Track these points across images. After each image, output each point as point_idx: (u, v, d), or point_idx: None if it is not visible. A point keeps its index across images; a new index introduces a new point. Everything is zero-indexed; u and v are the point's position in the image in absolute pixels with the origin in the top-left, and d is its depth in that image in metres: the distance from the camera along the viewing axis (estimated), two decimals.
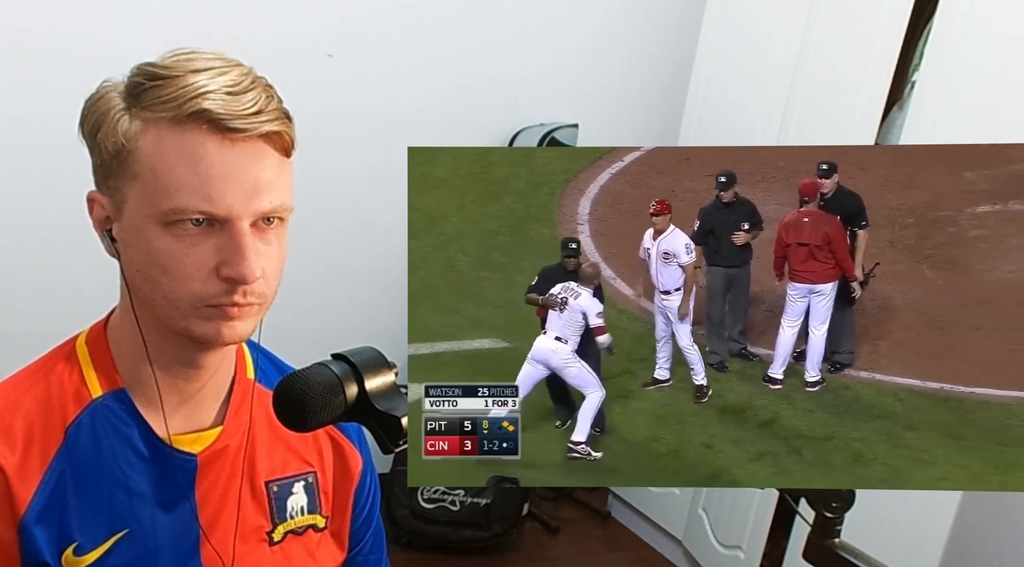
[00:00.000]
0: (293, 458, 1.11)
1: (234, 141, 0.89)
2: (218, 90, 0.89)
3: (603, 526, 3.21)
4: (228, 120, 0.88)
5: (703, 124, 2.85)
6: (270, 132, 0.91)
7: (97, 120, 0.93)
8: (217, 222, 0.90)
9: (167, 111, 0.89)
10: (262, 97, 0.91)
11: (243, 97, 0.90)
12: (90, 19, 2.40)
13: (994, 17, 1.98)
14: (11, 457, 0.94)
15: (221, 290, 0.91)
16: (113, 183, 0.93)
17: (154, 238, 0.91)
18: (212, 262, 0.91)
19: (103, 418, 0.99)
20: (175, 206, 0.89)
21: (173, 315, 0.93)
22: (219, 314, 0.93)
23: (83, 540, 0.96)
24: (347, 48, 2.75)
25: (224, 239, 0.91)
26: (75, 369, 1.01)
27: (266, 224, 0.93)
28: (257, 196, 0.91)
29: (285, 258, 0.97)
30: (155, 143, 0.90)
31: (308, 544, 1.11)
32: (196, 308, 0.92)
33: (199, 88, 0.89)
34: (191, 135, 0.89)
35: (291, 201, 0.95)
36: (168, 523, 1.01)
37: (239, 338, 0.97)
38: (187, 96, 0.88)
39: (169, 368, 1.00)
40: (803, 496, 0.95)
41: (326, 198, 2.78)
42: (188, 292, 0.91)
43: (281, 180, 0.94)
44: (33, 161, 2.37)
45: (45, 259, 2.48)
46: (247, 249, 0.90)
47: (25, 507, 0.94)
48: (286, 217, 0.96)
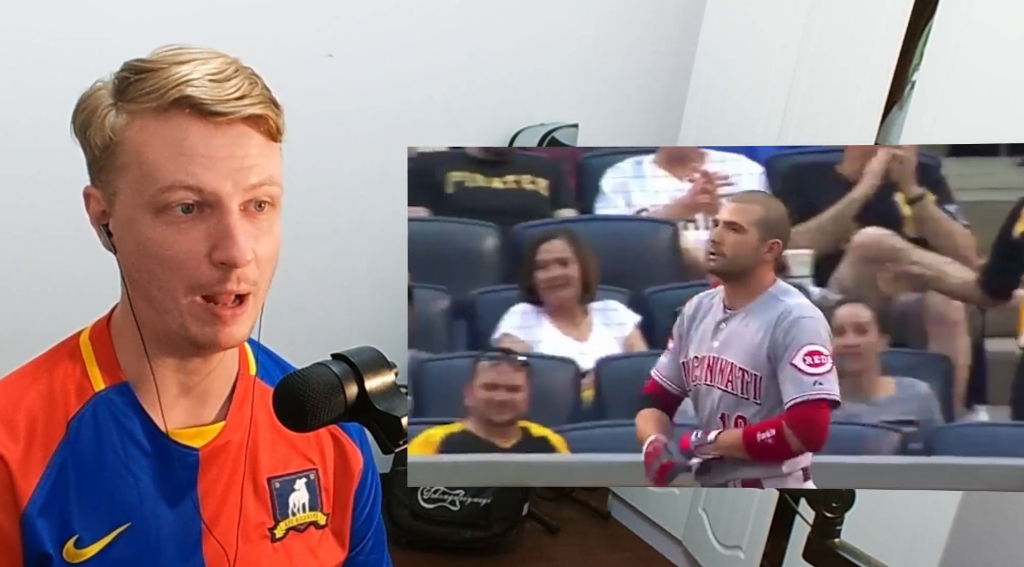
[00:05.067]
0: (295, 455, 1.11)
1: (217, 125, 0.90)
2: (201, 77, 0.90)
3: (603, 526, 3.21)
4: (211, 104, 0.89)
5: (703, 124, 2.85)
6: (253, 115, 0.92)
7: (86, 117, 0.94)
8: (207, 207, 0.91)
9: (151, 101, 0.90)
10: (245, 83, 0.92)
11: (226, 83, 0.91)
12: (90, 19, 2.40)
13: (994, 17, 1.98)
14: (14, 449, 0.95)
15: (214, 277, 0.92)
16: (105, 177, 0.94)
17: (146, 227, 0.91)
18: (204, 248, 0.91)
19: (105, 411, 0.99)
20: (160, 185, 0.90)
21: (170, 309, 0.94)
22: (214, 317, 0.93)
23: (84, 533, 0.97)
24: (347, 48, 2.75)
25: (214, 223, 0.91)
26: (78, 364, 1.01)
27: (257, 209, 0.94)
28: (243, 172, 0.91)
29: (278, 246, 0.97)
30: (140, 133, 0.91)
31: (309, 541, 1.11)
32: (191, 302, 0.93)
33: (182, 77, 0.90)
34: (175, 121, 0.90)
35: (280, 181, 0.96)
36: (170, 518, 1.01)
37: (235, 342, 0.97)
38: (170, 85, 0.89)
39: (170, 363, 1.00)
40: (803, 496, 0.95)
41: (326, 198, 2.78)
42: (182, 280, 0.92)
43: (268, 161, 0.94)
44: (33, 161, 2.36)
45: (45, 259, 2.48)
46: (236, 231, 0.91)
47: (27, 499, 0.95)
48: (276, 202, 0.96)
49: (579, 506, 3.27)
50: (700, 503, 2.84)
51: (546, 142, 2.95)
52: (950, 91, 2.04)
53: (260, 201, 0.94)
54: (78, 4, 2.41)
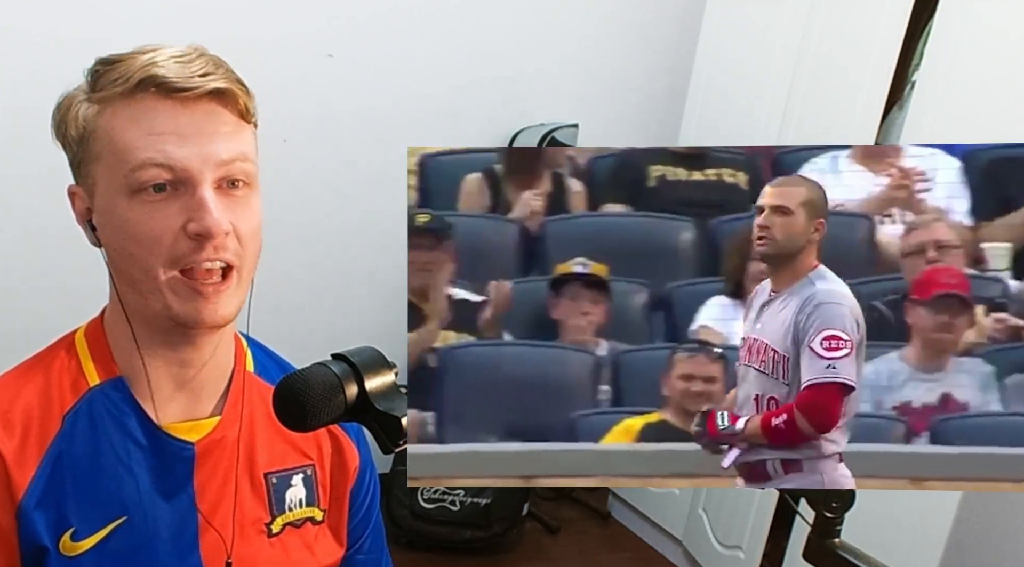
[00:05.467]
0: (292, 451, 1.11)
1: (184, 102, 0.92)
2: (166, 59, 0.92)
3: (603, 526, 3.21)
4: (176, 81, 0.91)
5: (703, 124, 2.85)
6: (218, 89, 0.93)
7: (62, 116, 0.96)
8: (180, 184, 0.92)
9: (118, 87, 0.92)
10: (210, 64, 0.93)
11: (191, 64, 0.92)
12: (90, 19, 2.40)
13: (994, 17, 1.98)
14: (9, 443, 0.96)
15: (189, 248, 0.93)
16: (84, 170, 0.96)
17: (123, 209, 0.93)
18: (179, 222, 0.92)
19: (100, 406, 1.00)
20: (132, 165, 0.91)
21: (152, 289, 0.94)
22: (195, 293, 0.94)
23: (80, 526, 0.97)
24: (347, 48, 2.75)
25: (188, 198, 0.92)
26: (74, 360, 1.02)
27: (231, 187, 0.95)
28: (212, 149, 0.92)
29: (260, 223, 0.98)
30: (111, 118, 0.93)
31: (306, 537, 1.12)
32: (171, 278, 0.93)
33: (147, 61, 0.92)
34: (142, 102, 0.92)
35: (255, 161, 0.97)
36: (167, 512, 1.02)
37: (220, 321, 0.97)
38: (135, 69, 0.91)
39: (163, 355, 1.01)
40: (803, 496, 0.95)
41: (326, 198, 2.78)
42: (159, 256, 0.93)
43: (239, 138, 0.95)
44: (33, 161, 2.36)
45: (45, 259, 2.48)
46: (209, 202, 0.92)
47: (23, 492, 0.95)
48: (252, 180, 0.97)
49: (579, 506, 3.28)
50: (700, 503, 2.85)
51: (546, 142, 2.95)
52: (950, 91, 2.04)
53: (234, 179, 0.95)
54: (78, 4, 2.41)
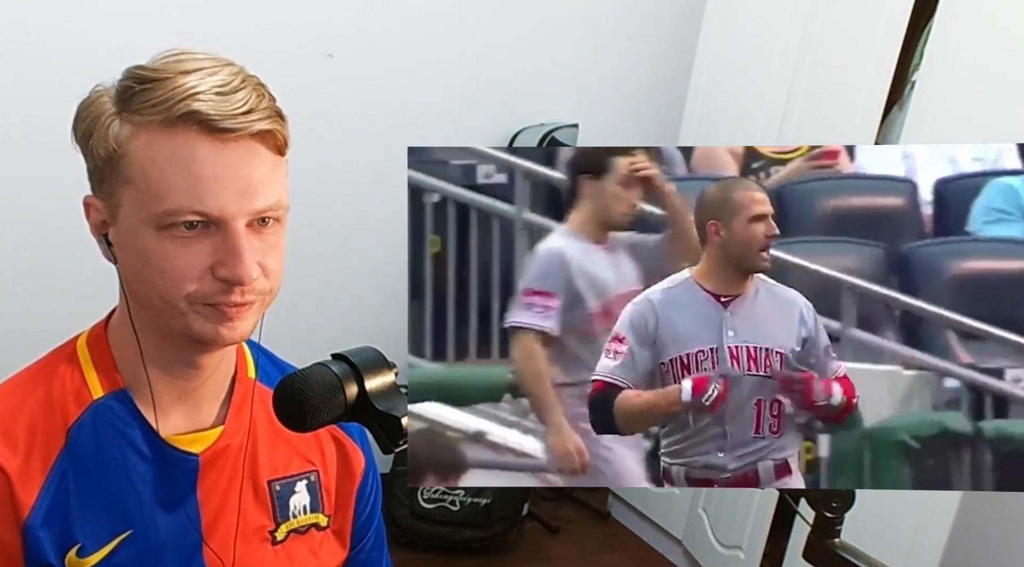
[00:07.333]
0: (295, 457, 1.11)
1: (225, 141, 0.89)
2: (208, 90, 0.88)
3: (603, 526, 3.21)
4: (218, 120, 0.88)
5: (703, 124, 2.85)
6: (262, 131, 0.90)
7: (89, 126, 0.93)
8: (212, 224, 0.90)
9: (157, 114, 0.88)
10: (252, 96, 0.90)
11: (233, 97, 0.89)
12: (90, 19, 2.40)
13: (994, 17, 1.98)
14: (13, 460, 0.94)
15: (218, 289, 0.91)
16: (107, 188, 0.93)
17: (149, 241, 0.90)
18: (207, 262, 0.90)
19: (104, 418, 0.99)
20: (167, 208, 0.89)
21: (172, 314, 0.93)
22: (217, 315, 0.93)
23: (86, 541, 0.96)
24: (347, 48, 2.74)
25: (219, 240, 0.90)
26: (76, 370, 1.00)
27: (262, 225, 0.93)
28: (250, 195, 0.90)
29: (284, 254, 0.97)
30: (146, 147, 0.89)
31: (311, 543, 1.11)
32: (193, 305, 0.92)
33: (189, 89, 0.88)
34: (182, 137, 0.88)
35: (286, 200, 0.95)
36: (171, 523, 1.01)
37: (239, 338, 0.96)
38: (176, 98, 0.88)
39: (169, 369, 1.00)
40: (803, 496, 0.95)
41: (326, 198, 2.77)
42: (184, 292, 0.91)
43: (275, 179, 0.93)
44: (33, 161, 2.36)
45: (45, 259, 2.48)
46: (242, 250, 0.90)
47: (29, 510, 0.94)
48: (282, 217, 0.95)
49: (579, 506, 3.27)
50: (700, 503, 2.85)
51: (546, 142, 2.95)
52: (950, 91, 2.04)
53: (265, 217, 0.93)
54: (78, 3, 2.41)
